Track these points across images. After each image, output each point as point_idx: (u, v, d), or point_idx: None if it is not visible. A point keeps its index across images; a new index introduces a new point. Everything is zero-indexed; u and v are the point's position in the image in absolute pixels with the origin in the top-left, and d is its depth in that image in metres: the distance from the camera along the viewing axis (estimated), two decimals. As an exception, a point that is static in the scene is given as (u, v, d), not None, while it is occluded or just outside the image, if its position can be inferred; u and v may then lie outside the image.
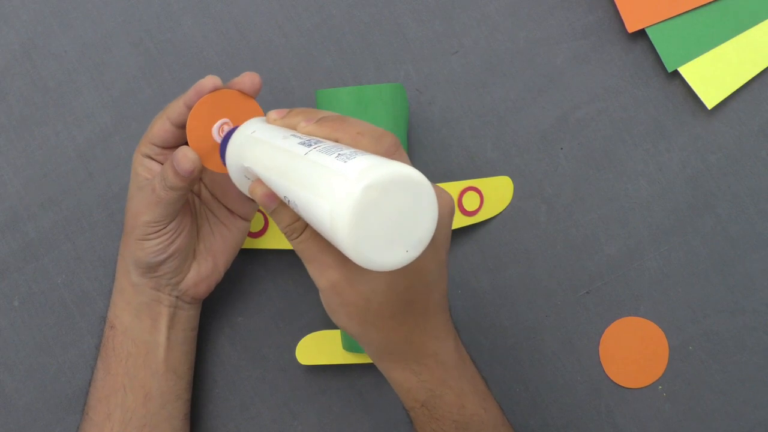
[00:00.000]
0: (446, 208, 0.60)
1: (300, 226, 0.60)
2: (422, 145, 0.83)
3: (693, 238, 0.83)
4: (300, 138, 0.59)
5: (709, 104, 0.81)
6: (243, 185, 0.66)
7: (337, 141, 0.58)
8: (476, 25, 0.83)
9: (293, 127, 0.62)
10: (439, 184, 0.76)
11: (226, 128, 0.69)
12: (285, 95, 0.82)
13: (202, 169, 0.69)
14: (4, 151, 0.82)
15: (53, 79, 0.82)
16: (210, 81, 0.68)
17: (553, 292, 0.83)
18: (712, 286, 0.83)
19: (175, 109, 0.70)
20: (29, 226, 0.82)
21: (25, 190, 0.82)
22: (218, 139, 0.69)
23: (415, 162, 0.83)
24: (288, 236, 0.61)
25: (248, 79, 0.69)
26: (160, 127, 0.71)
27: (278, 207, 0.61)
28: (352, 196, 0.50)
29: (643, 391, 0.83)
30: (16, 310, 0.83)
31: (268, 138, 0.62)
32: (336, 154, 0.53)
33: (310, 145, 0.57)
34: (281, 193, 0.58)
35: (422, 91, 0.83)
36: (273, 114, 0.65)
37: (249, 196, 0.63)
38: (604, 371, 0.83)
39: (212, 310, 0.83)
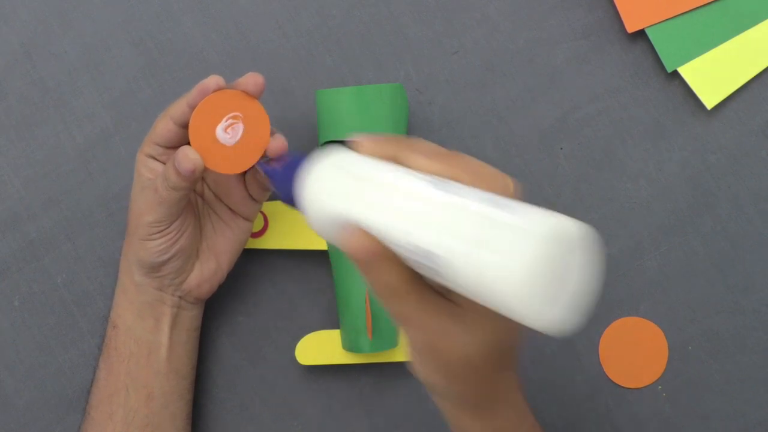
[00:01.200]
0: None
1: (405, 283, 0.53)
2: (422, 145, 0.83)
3: (693, 238, 0.83)
4: (416, 175, 0.53)
5: (709, 104, 0.81)
6: (327, 232, 0.57)
7: (456, 179, 0.52)
8: (476, 25, 0.83)
9: (393, 159, 0.55)
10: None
11: (234, 123, 0.69)
12: (285, 95, 0.82)
13: (204, 169, 0.69)
14: (4, 151, 0.82)
15: (53, 79, 0.82)
16: (214, 81, 0.68)
17: (553, 292, 0.83)
18: (711, 286, 0.83)
19: (178, 108, 0.70)
20: (29, 226, 0.82)
21: (25, 190, 0.82)
22: (223, 140, 0.69)
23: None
24: (387, 296, 0.54)
25: (252, 80, 0.69)
26: (163, 127, 0.71)
27: (381, 261, 0.53)
28: (532, 250, 0.47)
29: (642, 391, 0.83)
30: (16, 310, 0.83)
31: (381, 178, 0.54)
32: (486, 201, 0.49)
33: (444, 189, 0.51)
34: (407, 246, 0.51)
35: (422, 91, 0.83)
36: (367, 143, 0.55)
37: (337, 245, 0.55)
38: (604, 371, 0.83)
39: (213, 310, 0.83)
